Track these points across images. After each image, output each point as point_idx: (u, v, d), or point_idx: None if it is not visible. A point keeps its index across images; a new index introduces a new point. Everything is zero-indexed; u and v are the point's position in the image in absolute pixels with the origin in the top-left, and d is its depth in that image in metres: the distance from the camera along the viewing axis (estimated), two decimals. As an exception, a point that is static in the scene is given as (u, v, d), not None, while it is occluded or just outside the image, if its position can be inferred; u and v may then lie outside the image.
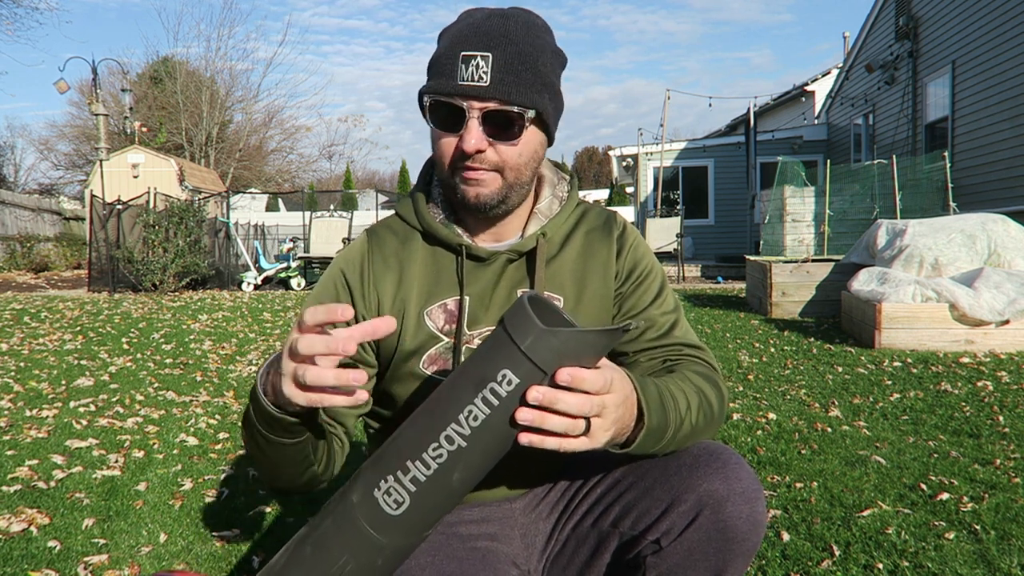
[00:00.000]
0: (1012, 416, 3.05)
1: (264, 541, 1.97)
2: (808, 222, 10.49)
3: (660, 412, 0.87)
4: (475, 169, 0.98)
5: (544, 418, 0.73)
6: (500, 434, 0.74)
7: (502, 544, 1.07)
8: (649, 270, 1.14)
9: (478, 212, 1.03)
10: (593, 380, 0.73)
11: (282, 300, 9.22)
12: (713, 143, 15.98)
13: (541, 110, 0.99)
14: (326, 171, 36.09)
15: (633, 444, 0.86)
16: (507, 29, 0.97)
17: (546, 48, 1.00)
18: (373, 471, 0.80)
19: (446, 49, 0.98)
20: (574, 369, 0.72)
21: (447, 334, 1.07)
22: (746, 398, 3.48)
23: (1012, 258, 5.00)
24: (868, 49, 12.99)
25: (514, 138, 0.98)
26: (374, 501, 0.78)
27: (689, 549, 0.93)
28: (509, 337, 0.72)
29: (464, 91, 0.95)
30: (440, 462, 0.75)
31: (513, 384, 0.72)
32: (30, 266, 14.85)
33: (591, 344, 0.73)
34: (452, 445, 0.74)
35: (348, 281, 1.09)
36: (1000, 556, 1.77)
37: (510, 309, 0.75)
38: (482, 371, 0.74)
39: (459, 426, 0.74)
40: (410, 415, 0.81)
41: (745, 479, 0.92)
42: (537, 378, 0.72)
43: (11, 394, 3.73)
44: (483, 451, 0.75)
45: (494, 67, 0.95)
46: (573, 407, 0.73)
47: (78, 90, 25.51)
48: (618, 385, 0.79)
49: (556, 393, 0.72)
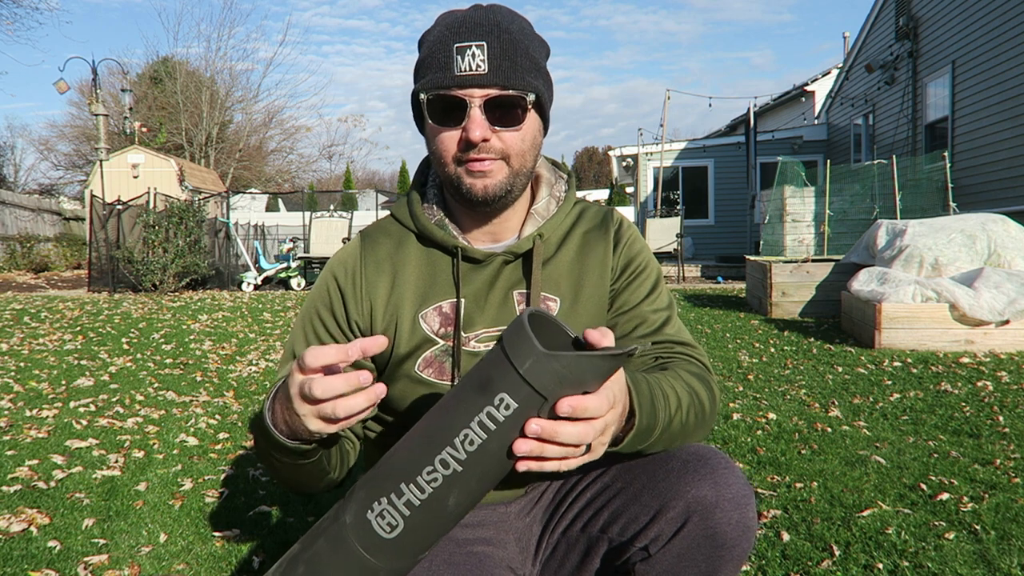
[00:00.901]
0: (1012, 416, 3.05)
1: (264, 541, 1.97)
2: (808, 222, 10.50)
3: (651, 412, 0.87)
4: (481, 160, 0.98)
5: (544, 449, 0.70)
6: (497, 459, 0.71)
7: (497, 548, 1.06)
8: (644, 266, 1.13)
9: (485, 205, 1.02)
10: (597, 407, 0.71)
11: (282, 300, 9.22)
12: (713, 143, 15.98)
13: (539, 94, 0.99)
14: (326, 171, 36.16)
15: (621, 444, 0.86)
16: (496, 18, 0.97)
17: (533, 36, 1.01)
18: (367, 492, 0.77)
19: (436, 45, 0.97)
20: (575, 400, 0.69)
21: (442, 337, 1.06)
22: (746, 398, 3.48)
23: (1012, 258, 5.00)
24: (868, 49, 13.00)
25: (517, 123, 0.98)
26: (367, 523, 0.76)
27: (678, 556, 0.91)
28: (507, 359, 0.68)
29: (463, 81, 0.95)
30: (435, 486, 0.72)
31: (511, 409, 0.68)
32: (30, 266, 14.85)
33: (594, 369, 0.69)
34: (447, 469, 0.71)
35: (340, 286, 1.09)
36: (1000, 556, 1.77)
37: (508, 328, 0.71)
38: (479, 394, 0.70)
39: (455, 450, 0.71)
40: (405, 434, 0.78)
41: (735, 484, 0.91)
42: (536, 403, 0.68)
43: (11, 394, 3.73)
44: (480, 476, 0.72)
45: (490, 55, 0.95)
46: (574, 437, 0.71)
47: (78, 90, 25.56)
48: (618, 397, 0.77)
49: (556, 425, 0.69)
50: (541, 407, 0.69)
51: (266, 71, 60.04)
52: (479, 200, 1.01)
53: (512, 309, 1.07)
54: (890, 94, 12.00)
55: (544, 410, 0.69)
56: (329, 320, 1.09)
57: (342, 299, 1.09)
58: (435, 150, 1.01)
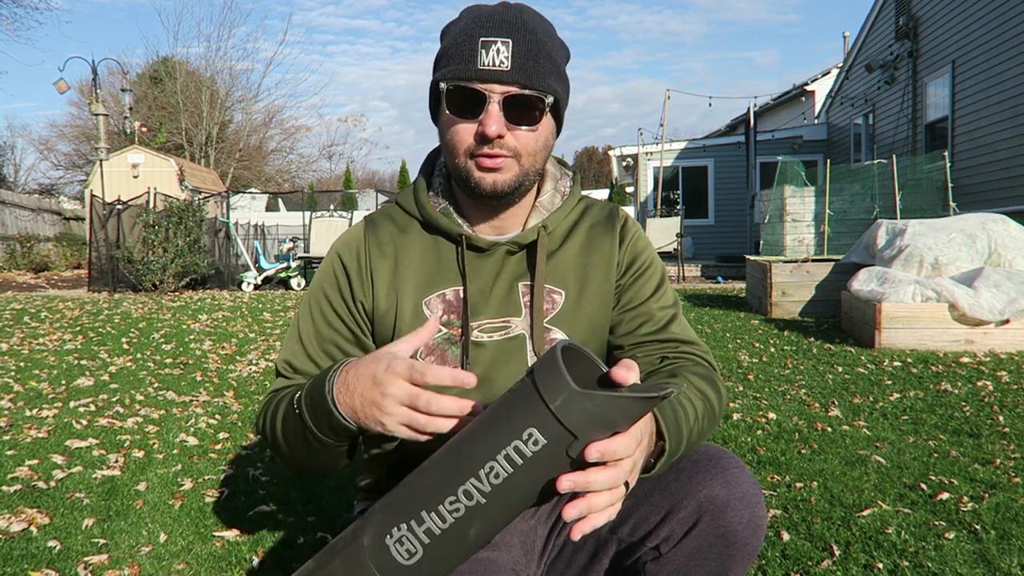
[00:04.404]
0: (1012, 416, 3.05)
1: (264, 541, 1.97)
2: (808, 222, 10.50)
3: (677, 433, 0.87)
4: (493, 156, 0.98)
5: (590, 504, 0.70)
6: (522, 493, 0.69)
7: (502, 552, 1.06)
8: (649, 263, 1.13)
9: (492, 200, 1.02)
10: (626, 447, 0.69)
11: (282, 300, 9.22)
12: (713, 143, 15.98)
13: (558, 97, 1.00)
14: (326, 171, 36.13)
15: (654, 469, 0.86)
16: (523, 18, 0.98)
17: (556, 39, 1.02)
18: (386, 516, 0.76)
19: (462, 37, 0.97)
20: (603, 445, 0.67)
21: (446, 324, 1.07)
22: (746, 398, 3.48)
23: (1012, 258, 5.00)
24: (868, 49, 12.99)
25: (534, 123, 0.98)
26: (386, 548, 0.75)
27: (689, 555, 0.92)
28: (538, 393, 0.66)
29: (485, 75, 0.95)
30: (457, 516, 0.71)
31: (540, 445, 0.66)
32: (30, 266, 14.85)
33: (626, 410, 0.67)
34: (471, 500, 0.70)
35: (345, 265, 1.10)
36: (1000, 556, 1.77)
37: (540, 361, 0.69)
38: (507, 427, 0.68)
39: (479, 481, 0.69)
40: (429, 458, 0.77)
41: (745, 484, 0.92)
42: (566, 441, 0.66)
43: (11, 394, 3.73)
44: (503, 509, 0.70)
45: (515, 52, 0.95)
46: (608, 483, 0.70)
47: (78, 90, 25.57)
48: (645, 429, 0.77)
49: (587, 476, 0.69)
50: (571, 445, 0.67)
51: (266, 71, 60.16)
52: (486, 194, 1.01)
53: (517, 300, 1.08)
54: (890, 94, 12.00)
55: (574, 449, 0.67)
56: (336, 298, 1.10)
57: (347, 278, 1.10)
58: (448, 141, 1.01)
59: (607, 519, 0.72)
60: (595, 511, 0.70)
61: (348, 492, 2.30)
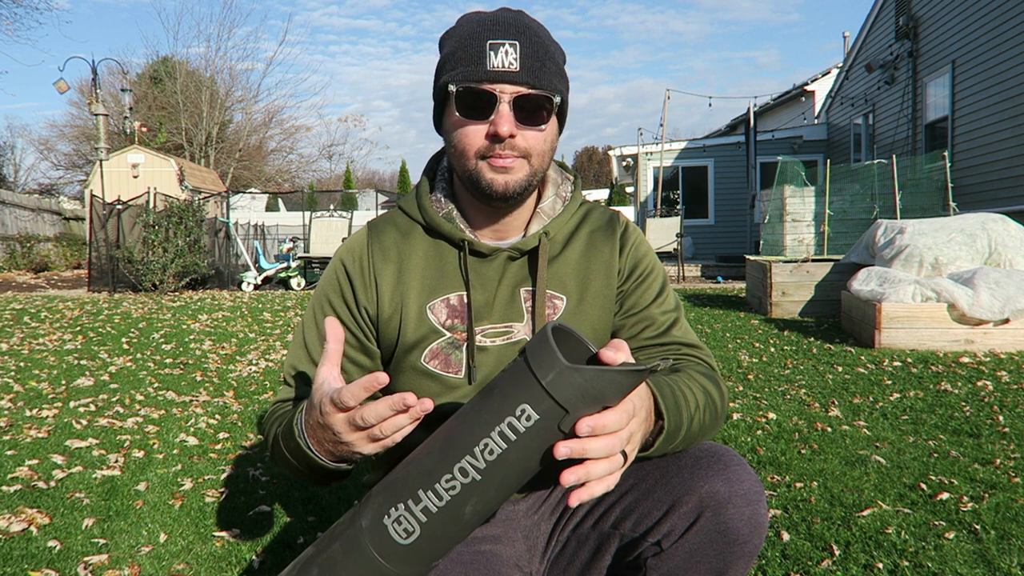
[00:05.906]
0: (1012, 416, 3.05)
1: (264, 541, 1.97)
2: (808, 222, 10.49)
3: (676, 412, 0.89)
4: (504, 156, 0.99)
5: (588, 471, 0.71)
6: (517, 469, 0.71)
7: (505, 546, 1.07)
8: (651, 269, 1.15)
9: (502, 201, 1.03)
10: (616, 421, 0.71)
11: (282, 300, 9.22)
12: (713, 143, 15.98)
13: (563, 97, 1.02)
14: (326, 171, 36.12)
15: (652, 447, 0.87)
16: (525, 22, 1.00)
17: (554, 42, 1.04)
18: (384, 497, 0.78)
19: (468, 40, 0.98)
20: (593, 420, 0.69)
21: (449, 329, 1.07)
22: (746, 398, 3.48)
23: (1012, 257, 5.00)
24: (868, 49, 12.99)
25: (542, 123, 1.00)
26: (383, 529, 0.76)
27: (690, 551, 0.93)
28: (530, 370, 0.69)
29: (495, 76, 0.96)
30: (453, 494, 0.73)
31: (532, 420, 0.69)
32: (30, 266, 14.85)
33: (616, 383, 0.69)
34: (466, 478, 0.72)
35: (349, 272, 1.11)
36: (1000, 556, 1.77)
37: (532, 340, 0.71)
38: (500, 404, 0.70)
39: (474, 459, 0.71)
40: (424, 441, 0.79)
41: (747, 481, 0.92)
42: (558, 416, 0.68)
43: (11, 394, 3.73)
44: (498, 485, 0.72)
45: (523, 54, 0.97)
46: (604, 451, 0.71)
47: (78, 90, 25.57)
48: (639, 404, 0.78)
49: (584, 443, 0.70)
50: (562, 420, 0.69)
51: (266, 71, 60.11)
52: (498, 196, 1.01)
53: (519, 306, 1.09)
54: (890, 94, 12.00)
55: (566, 423, 0.69)
56: (339, 305, 1.11)
57: (351, 284, 1.10)
58: (457, 143, 1.01)
59: (605, 488, 0.73)
60: (592, 478, 0.71)
61: (348, 492, 2.30)
